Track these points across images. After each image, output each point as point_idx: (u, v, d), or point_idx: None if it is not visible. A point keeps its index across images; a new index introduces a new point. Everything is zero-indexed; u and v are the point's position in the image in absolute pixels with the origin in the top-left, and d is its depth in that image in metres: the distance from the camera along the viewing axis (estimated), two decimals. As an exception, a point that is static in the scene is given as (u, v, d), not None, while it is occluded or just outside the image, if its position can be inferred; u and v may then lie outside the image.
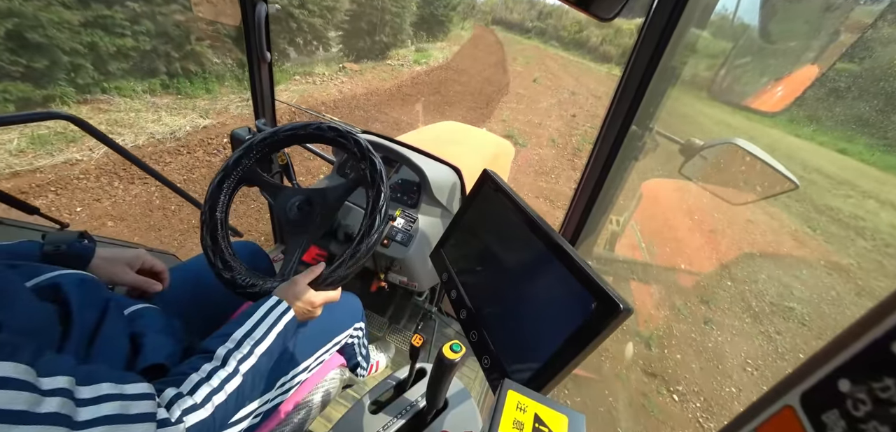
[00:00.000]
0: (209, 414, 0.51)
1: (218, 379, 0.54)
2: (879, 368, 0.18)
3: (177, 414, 0.47)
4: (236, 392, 0.55)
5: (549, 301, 0.58)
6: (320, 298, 0.74)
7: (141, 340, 0.59)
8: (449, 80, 10.33)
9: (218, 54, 6.54)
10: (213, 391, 0.52)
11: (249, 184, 0.90)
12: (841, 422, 0.19)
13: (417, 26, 14.63)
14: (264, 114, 1.53)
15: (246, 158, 0.88)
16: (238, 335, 0.60)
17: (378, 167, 0.80)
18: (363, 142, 0.82)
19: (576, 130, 7.97)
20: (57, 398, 0.36)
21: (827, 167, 7.54)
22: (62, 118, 1.13)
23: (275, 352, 0.64)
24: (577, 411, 0.42)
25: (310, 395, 0.90)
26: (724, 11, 1.69)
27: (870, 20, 0.77)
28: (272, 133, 0.89)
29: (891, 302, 0.18)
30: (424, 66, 11.26)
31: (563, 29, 21.40)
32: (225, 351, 0.57)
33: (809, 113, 9.72)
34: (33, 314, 0.46)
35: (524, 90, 10.85)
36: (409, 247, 1.22)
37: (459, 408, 0.80)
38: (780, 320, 3.32)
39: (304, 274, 0.74)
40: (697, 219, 4.60)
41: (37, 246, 0.67)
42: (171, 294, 0.81)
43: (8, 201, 1.08)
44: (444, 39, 15.85)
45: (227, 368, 0.56)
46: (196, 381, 0.52)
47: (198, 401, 0.50)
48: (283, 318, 0.66)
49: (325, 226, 0.86)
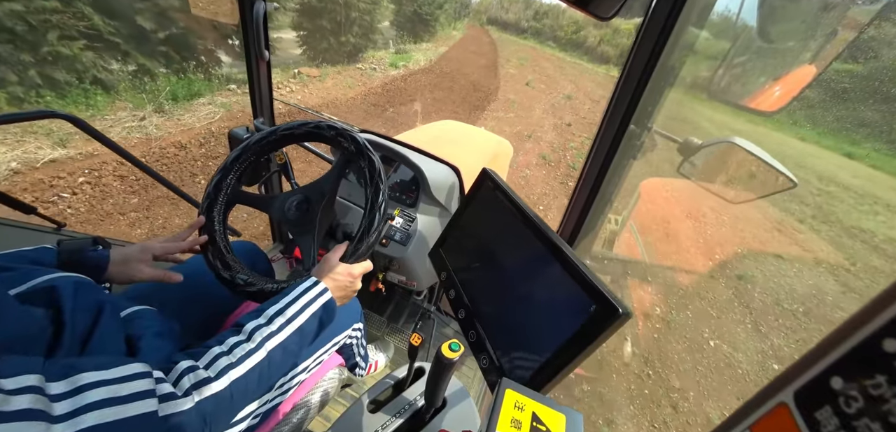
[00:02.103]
0: (223, 389, 0.48)
1: (239, 353, 0.52)
2: (871, 366, 0.18)
3: (186, 386, 0.45)
4: (257, 369, 0.53)
5: (547, 302, 0.58)
6: (358, 269, 0.74)
7: (137, 343, 0.58)
8: (430, 86, 9.09)
9: (104, 55, 4.94)
10: (231, 365, 0.50)
11: (240, 203, 0.90)
12: (834, 419, 0.19)
13: (401, 27, 13.77)
14: (263, 113, 1.53)
15: (244, 158, 0.88)
16: (270, 311, 0.59)
17: (361, 142, 0.82)
18: (358, 137, 0.83)
19: (571, 142, 7.05)
20: (26, 395, 0.34)
21: (841, 176, 7.01)
22: (61, 117, 1.13)
23: (307, 333, 0.62)
24: (575, 410, 0.43)
25: (308, 395, 0.90)
26: (725, 11, 1.69)
27: (866, 20, 0.77)
28: (270, 133, 0.89)
29: (881, 300, 0.18)
30: (402, 69, 9.95)
31: (559, 29, 21.12)
32: (253, 325, 0.56)
33: (811, 115, 9.49)
34: (12, 322, 0.44)
35: (515, 95, 9.71)
36: (407, 246, 1.22)
37: (458, 407, 0.80)
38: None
39: (333, 251, 0.74)
40: (719, 257, 4.01)
41: (53, 253, 0.66)
42: (168, 295, 0.81)
43: (6, 201, 1.08)
44: (430, 40, 14.59)
45: (251, 342, 0.54)
46: (215, 354, 0.50)
47: (211, 375, 0.48)
48: (320, 299, 0.65)
49: (328, 215, 0.86)
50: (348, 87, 7.75)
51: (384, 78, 8.91)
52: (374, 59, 10.25)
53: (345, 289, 0.72)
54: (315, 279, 0.67)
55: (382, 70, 9.57)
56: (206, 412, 0.46)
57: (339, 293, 0.70)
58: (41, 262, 0.63)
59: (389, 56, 10.89)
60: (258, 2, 1.27)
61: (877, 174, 7.40)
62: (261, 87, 1.47)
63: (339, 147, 0.85)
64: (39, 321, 0.49)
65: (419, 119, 7.17)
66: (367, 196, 0.78)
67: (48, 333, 0.48)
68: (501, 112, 8.27)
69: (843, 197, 6.09)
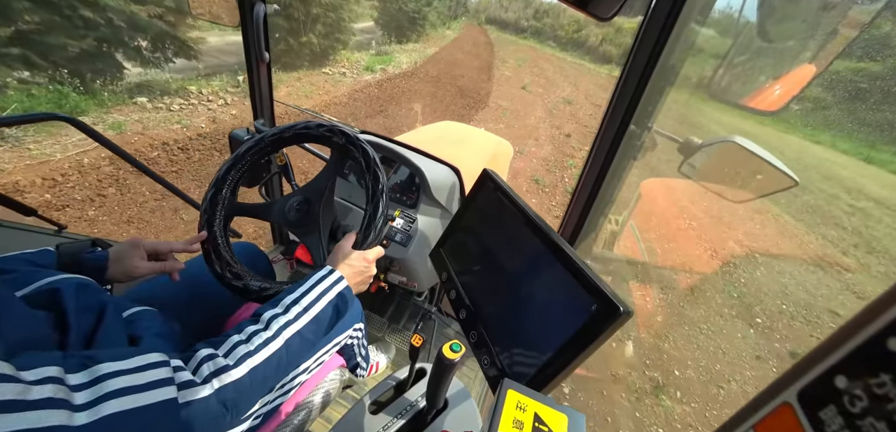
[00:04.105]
0: (243, 376, 0.49)
1: (257, 341, 0.53)
2: (876, 364, 0.18)
3: (205, 373, 0.46)
4: (275, 356, 0.54)
5: (548, 302, 0.58)
6: (372, 253, 0.75)
7: (138, 343, 0.59)
8: (409, 92, 8.04)
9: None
10: (249, 353, 0.51)
11: (238, 215, 0.89)
12: (838, 419, 0.19)
13: (386, 26, 12.78)
14: (263, 114, 1.53)
15: (237, 168, 0.88)
16: (288, 300, 0.60)
17: (352, 135, 0.82)
18: (349, 131, 0.84)
19: (570, 159, 5.94)
20: (48, 385, 0.34)
21: (870, 188, 6.49)
22: (61, 119, 1.13)
23: (324, 321, 0.63)
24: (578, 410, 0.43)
25: (310, 396, 0.90)
26: (726, 7, 1.68)
27: (867, 19, 0.77)
28: (268, 134, 0.89)
29: (886, 298, 0.18)
30: (379, 73, 8.86)
31: (560, 28, 20.79)
32: (271, 314, 0.57)
33: (827, 116, 9.06)
34: (23, 324, 0.45)
35: (509, 101, 8.78)
36: (408, 247, 1.22)
37: (459, 408, 0.80)
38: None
39: (345, 239, 0.75)
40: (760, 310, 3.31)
41: (53, 256, 0.66)
42: (169, 296, 0.81)
43: (5, 203, 1.08)
44: (418, 41, 13.62)
45: (269, 331, 0.55)
46: (234, 342, 0.51)
47: (230, 363, 0.49)
48: (336, 286, 0.66)
49: (328, 212, 0.86)
50: (305, 97, 6.67)
51: (354, 84, 7.80)
52: (348, 62, 9.14)
53: (361, 274, 0.72)
54: (330, 268, 0.68)
55: (355, 74, 8.47)
56: (226, 398, 0.47)
57: (355, 279, 0.71)
58: (42, 264, 0.63)
59: (367, 58, 9.84)
60: (258, 4, 1.27)
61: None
62: (261, 88, 1.47)
63: (330, 144, 0.85)
64: (45, 323, 0.49)
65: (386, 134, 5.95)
66: (367, 185, 0.78)
67: (54, 335, 0.49)
68: (491, 122, 7.30)
69: (880, 215, 5.51)
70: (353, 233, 0.76)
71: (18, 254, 0.62)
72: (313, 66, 8.23)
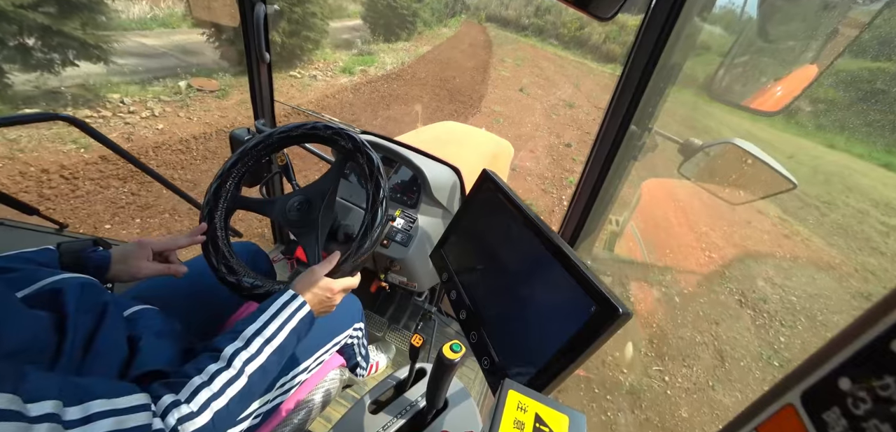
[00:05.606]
0: (207, 422, 0.50)
1: (220, 382, 0.53)
2: (880, 366, 0.18)
3: (172, 424, 0.46)
4: (239, 395, 0.54)
5: (548, 303, 0.58)
6: (339, 285, 0.73)
7: (139, 343, 0.59)
8: (389, 97, 7.24)
9: None
10: (213, 396, 0.51)
11: (240, 208, 0.89)
12: (842, 421, 0.19)
13: (373, 23, 11.86)
14: (263, 114, 1.53)
15: (242, 163, 0.88)
16: (248, 332, 0.59)
17: (359, 140, 0.82)
18: (356, 135, 0.83)
19: (570, 175, 5.14)
20: (45, 424, 0.36)
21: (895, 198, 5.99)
22: (62, 119, 1.13)
23: (286, 350, 0.62)
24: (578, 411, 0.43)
25: (310, 395, 0.90)
26: (728, 4, 1.67)
27: (867, 19, 0.77)
28: (277, 132, 0.89)
29: (890, 300, 0.18)
30: (358, 75, 7.98)
31: (562, 26, 20.42)
32: (232, 350, 0.56)
33: (840, 118, 8.63)
34: (23, 328, 0.45)
35: (504, 105, 8.02)
36: (408, 247, 1.22)
37: (459, 408, 0.80)
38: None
39: (321, 264, 0.73)
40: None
41: (55, 255, 0.66)
42: (171, 295, 0.81)
43: (7, 202, 1.08)
44: (409, 39, 12.62)
45: (232, 369, 0.54)
46: (196, 386, 0.51)
47: (194, 409, 0.49)
48: (298, 314, 0.65)
49: (329, 214, 0.86)
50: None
51: (326, 89, 6.88)
52: (324, 63, 8.19)
53: (322, 303, 0.70)
54: (293, 293, 0.66)
55: (329, 77, 7.57)
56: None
57: (317, 307, 0.69)
58: (43, 264, 0.63)
59: (348, 59, 8.84)
60: (259, 4, 1.27)
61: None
62: (261, 88, 1.47)
63: (336, 146, 0.85)
64: (46, 324, 0.49)
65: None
66: (367, 192, 0.78)
67: (55, 336, 0.49)
68: (483, 129, 6.40)
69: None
70: (333, 259, 0.74)
71: (20, 253, 0.62)
72: (280, 67, 7.28)
